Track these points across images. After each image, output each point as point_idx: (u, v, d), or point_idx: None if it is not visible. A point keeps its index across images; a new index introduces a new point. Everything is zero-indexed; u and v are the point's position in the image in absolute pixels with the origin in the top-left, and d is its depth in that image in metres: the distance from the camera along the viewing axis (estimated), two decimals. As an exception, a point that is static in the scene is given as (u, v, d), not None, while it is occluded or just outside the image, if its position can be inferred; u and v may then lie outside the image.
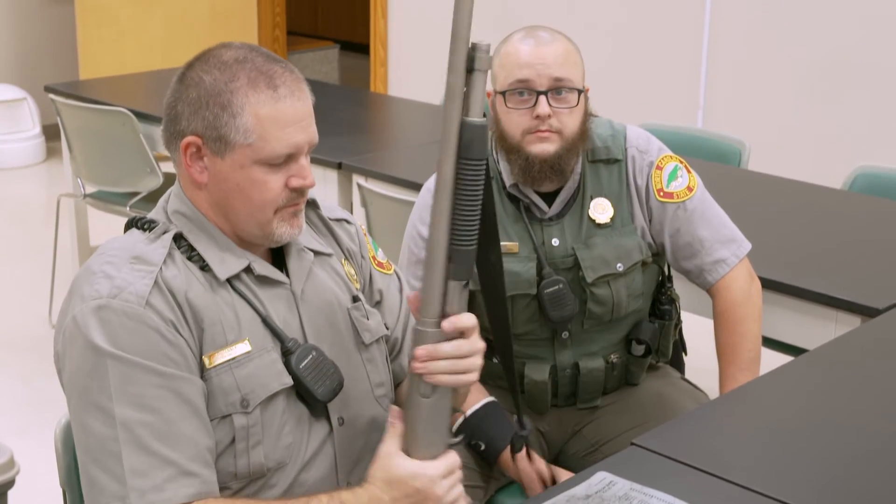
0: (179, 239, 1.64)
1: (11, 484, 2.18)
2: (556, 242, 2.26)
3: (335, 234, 1.81)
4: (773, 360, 2.61)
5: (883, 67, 4.62)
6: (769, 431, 1.94)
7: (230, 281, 1.64)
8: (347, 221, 1.85)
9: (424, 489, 1.55)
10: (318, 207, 1.80)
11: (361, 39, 8.15)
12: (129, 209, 4.14)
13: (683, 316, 2.48)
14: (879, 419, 1.97)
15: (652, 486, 1.72)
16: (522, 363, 2.32)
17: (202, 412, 1.56)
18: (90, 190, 4.36)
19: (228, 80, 1.59)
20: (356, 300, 1.76)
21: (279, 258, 1.71)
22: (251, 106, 1.58)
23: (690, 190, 2.31)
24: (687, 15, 5.13)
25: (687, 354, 2.56)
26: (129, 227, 1.68)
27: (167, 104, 1.65)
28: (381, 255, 1.88)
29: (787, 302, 2.56)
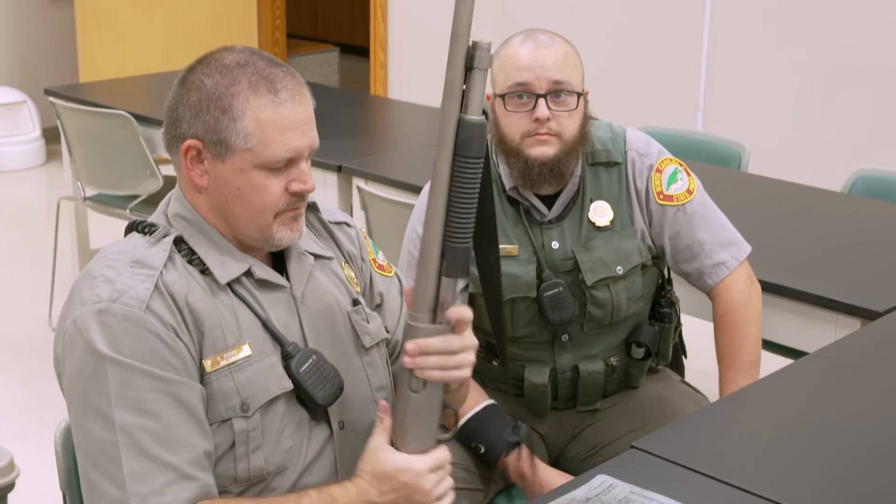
0: (180, 242, 1.64)
1: (11, 487, 2.18)
2: (555, 245, 2.26)
3: (335, 237, 1.81)
4: (772, 363, 2.61)
5: (882, 70, 4.62)
6: (769, 434, 1.94)
7: (230, 285, 1.64)
8: (348, 224, 1.84)
9: (412, 483, 1.56)
10: (318, 211, 1.80)
11: (361, 42, 8.14)
12: (129, 212, 4.14)
13: (683, 319, 2.48)
14: (879, 422, 1.97)
15: (652, 489, 1.72)
16: (522, 366, 2.32)
17: (201, 417, 1.56)
18: (90, 193, 4.36)
19: (229, 83, 1.59)
20: (356, 303, 1.76)
21: (279, 262, 1.71)
22: (252, 110, 1.58)
23: (690, 193, 2.31)
24: (687, 17, 5.13)
25: (687, 357, 2.56)
26: (129, 230, 1.68)
27: (168, 107, 1.65)
28: (381, 257, 1.88)
29: (786, 305, 2.56)
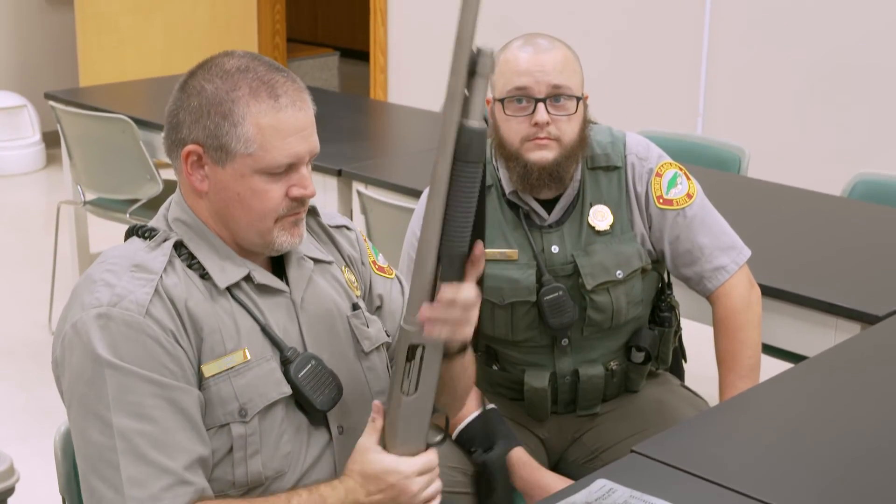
0: (180, 247, 1.64)
1: (11, 492, 2.18)
2: (555, 249, 2.26)
3: (336, 241, 1.81)
4: (772, 367, 2.61)
5: (882, 71, 4.62)
6: (769, 439, 1.94)
7: (230, 289, 1.64)
8: (347, 228, 1.85)
9: (398, 485, 1.57)
10: (318, 215, 1.80)
11: (361, 46, 8.15)
12: (128, 216, 4.14)
13: (683, 323, 2.48)
14: (879, 426, 1.97)
15: (652, 493, 1.72)
16: (522, 370, 2.32)
17: (198, 423, 1.56)
18: (90, 197, 4.36)
19: (230, 89, 1.59)
20: (356, 308, 1.76)
21: (279, 266, 1.71)
22: (252, 115, 1.59)
23: (690, 197, 2.31)
24: (686, 22, 5.13)
25: (687, 361, 2.56)
26: (129, 235, 1.68)
27: (169, 112, 1.65)
28: (381, 259, 1.88)
29: (786, 309, 2.56)
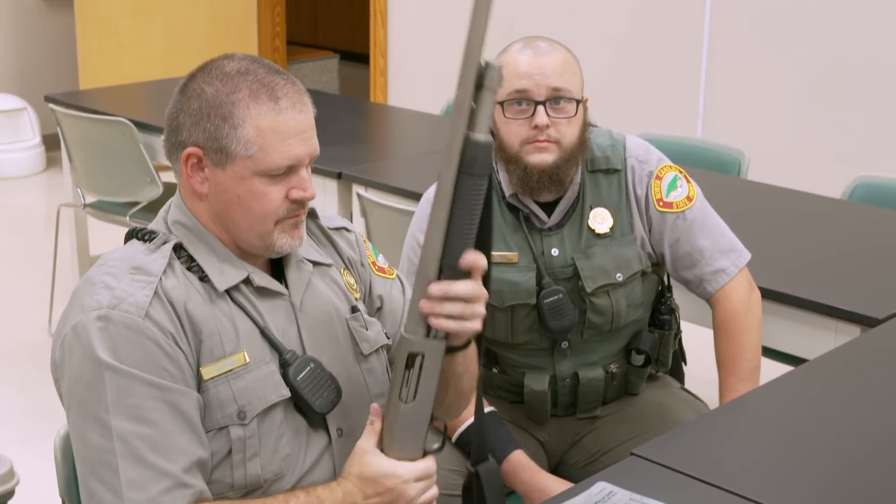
0: (179, 249, 1.64)
1: (11, 495, 2.18)
2: (555, 252, 2.26)
3: (335, 243, 1.81)
4: (772, 370, 2.61)
5: (882, 71, 4.62)
6: (769, 441, 1.93)
7: (229, 292, 1.64)
8: (347, 229, 1.84)
9: (396, 489, 1.58)
10: (317, 218, 1.80)
11: (361, 49, 8.14)
12: (128, 219, 4.14)
13: (683, 326, 2.48)
14: (879, 429, 1.97)
15: (652, 496, 1.72)
16: (522, 373, 2.32)
17: (197, 425, 1.56)
18: (90, 200, 4.36)
19: (230, 91, 1.59)
20: (355, 310, 1.76)
21: (278, 269, 1.71)
22: (252, 118, 1.59)
23: (690, 200, 2.31)
24: (686, 25, 5.14)
25: (686, 364, 2.56)
26: (129, 237, 1.68)
27: (169, 115, 1.65)
28: (381, 260, 1.87)
29: (786, 312, 2.56)
